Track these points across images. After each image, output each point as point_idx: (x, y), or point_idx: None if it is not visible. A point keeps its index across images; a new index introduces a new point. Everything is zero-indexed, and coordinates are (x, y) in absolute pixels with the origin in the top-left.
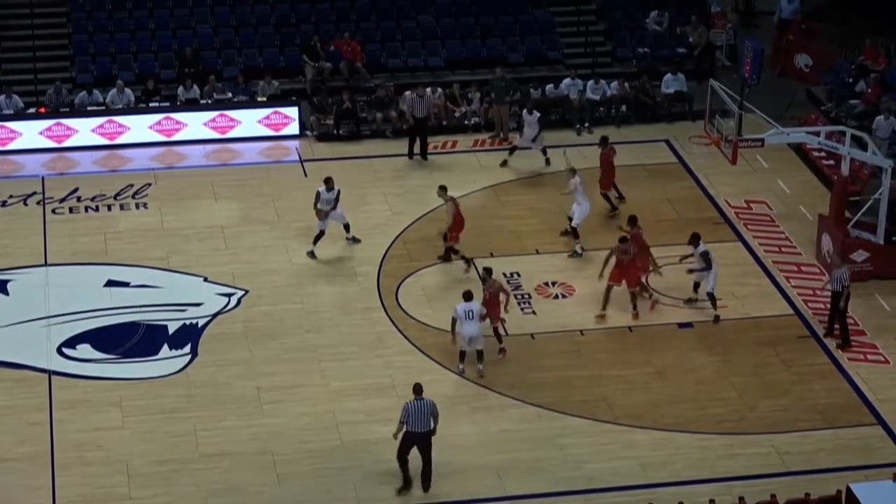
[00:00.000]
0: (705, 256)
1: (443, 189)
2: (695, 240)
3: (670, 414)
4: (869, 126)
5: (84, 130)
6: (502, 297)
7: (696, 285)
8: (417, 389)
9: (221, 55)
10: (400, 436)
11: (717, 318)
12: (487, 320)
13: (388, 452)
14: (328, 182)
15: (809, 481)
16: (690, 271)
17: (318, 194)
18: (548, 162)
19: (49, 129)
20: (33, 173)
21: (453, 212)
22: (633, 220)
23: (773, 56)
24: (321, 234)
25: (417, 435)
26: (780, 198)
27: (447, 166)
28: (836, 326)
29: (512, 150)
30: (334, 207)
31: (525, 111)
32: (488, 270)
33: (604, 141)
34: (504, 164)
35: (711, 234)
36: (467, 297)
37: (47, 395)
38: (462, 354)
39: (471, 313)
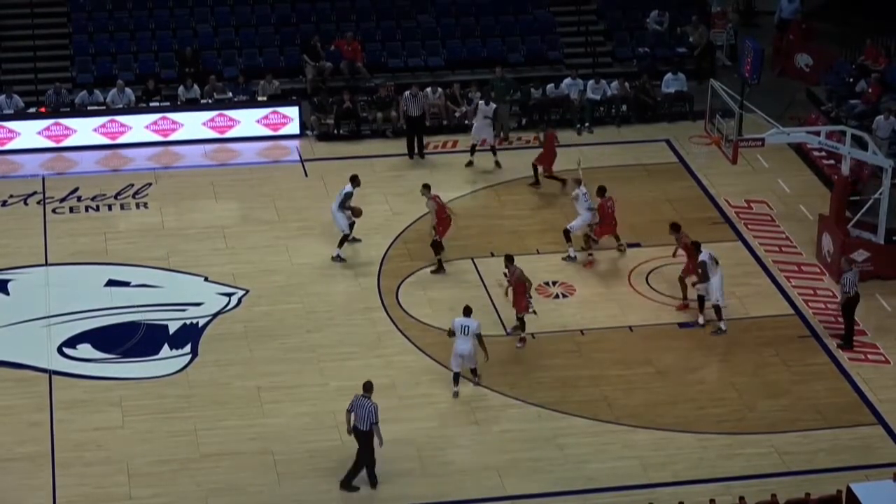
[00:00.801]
0: (702, 267)
1: (426, 188)
2: (696, 247)
3: (670, 414)
4: (869, 126)
5: (84, 130)
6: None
7: (701, 300)
8: (367, 387)
9: (222, 55)
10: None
11: (718, 331)
12: (477, 348)
13: (389, 452)
14: (355, 180)
15: (810, 481)
16: (694, 284)
17: (349, 194)
18: (498, 164)
19: (49, 128)
20: (33, 173)
21: (435, 208)
22: (601, 190)
23: (774, 56)
24: (346, 236)
25: (358, 431)
26: (781, 197)
27: (447, 166)
28: (839, 323)
29: (472, 149)
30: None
31: (482, 101)
32: (510, 258)
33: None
34: (469, 164)
35: (712, 233)
36: (466, 311)
37: (47, 394)
38: (456, 377)
39: (466, 329)
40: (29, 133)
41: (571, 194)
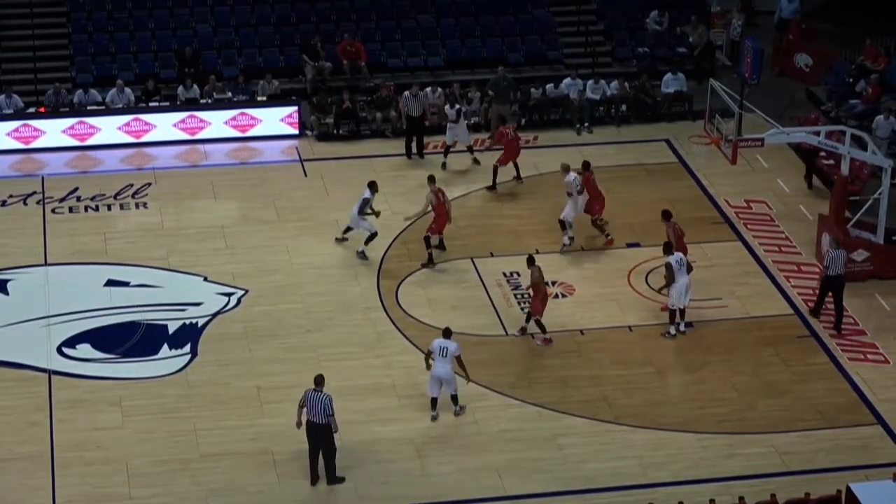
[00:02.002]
0: (668, 269)
1: (431, 179)
2: (667, 248)
3: (670, 414)
4: (869, 126)
5: (84, 130)
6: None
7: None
8: (318, 381)
9: (221, 55)
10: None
11: (666, 334)
12: (457, 366)
13: (389, 452)
14: (373, 186)
15: (809, 481)
16: (660, 290)
17: (367, 200)
18: (476, 161)
19: (49, 128)
20: (33, 173)
21: (434, 203)
22: (586, 165)
23: (773, 56)
24: (373, 235)
25: (315, 425)
26: (780, 197)
27: (447, 165)
28: (825, 307)
29: (447, 150)
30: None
31: (447, 105)
32: (531, 260)
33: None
34: (444, 166)
35: (711, 233)
36: (446, 333)
37: (47, 394)
38: (433, 401)
39: (445, 351)
40: (30, 132)
41: (564, 180)
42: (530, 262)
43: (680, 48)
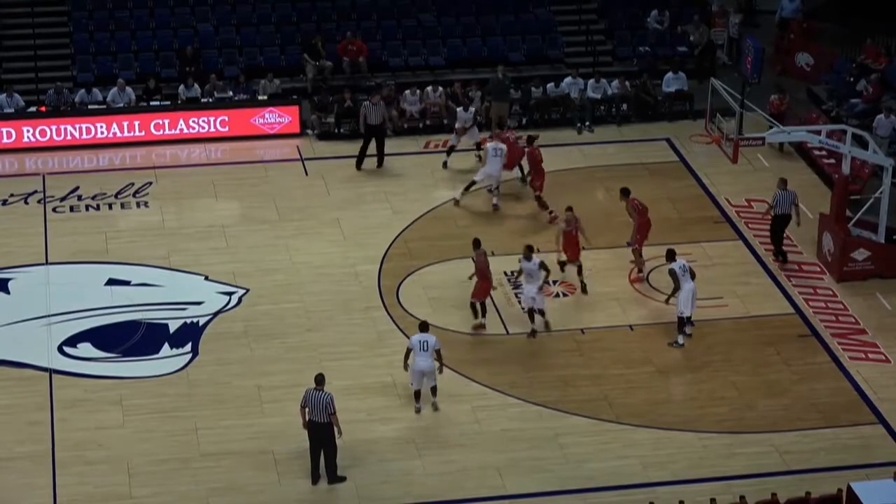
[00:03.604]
0: (672, 275)
1: (477, 244)
2: (669, 255)
3: (671, 413)
4: (870, 125)
5: (85, 129)
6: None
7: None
8: (319, 380)
9: (222, 54)
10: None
11: (675, 343)
12: (437, 362)
13: (389, 452)
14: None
15: (810, 480)
16: (667, 301)
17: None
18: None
19: (49, 128)
20: (34, 172)
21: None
22: (531, 139)
23: (774, 55)
24: (452, 147)
25: (317, 425)
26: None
27: (448, 164)
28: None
29: (450, 150)
30: (473, 125)
31: (461, 108)
32: (476, 243)
33: (530, 139)
34: (445, 165)
35: (712, 232)
36: (423, 327)
37: (48, 393)
38: (417, 394)
39: (425, 344)
40: (31, 132)
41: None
42: (476, 245)
43: (681, 47)
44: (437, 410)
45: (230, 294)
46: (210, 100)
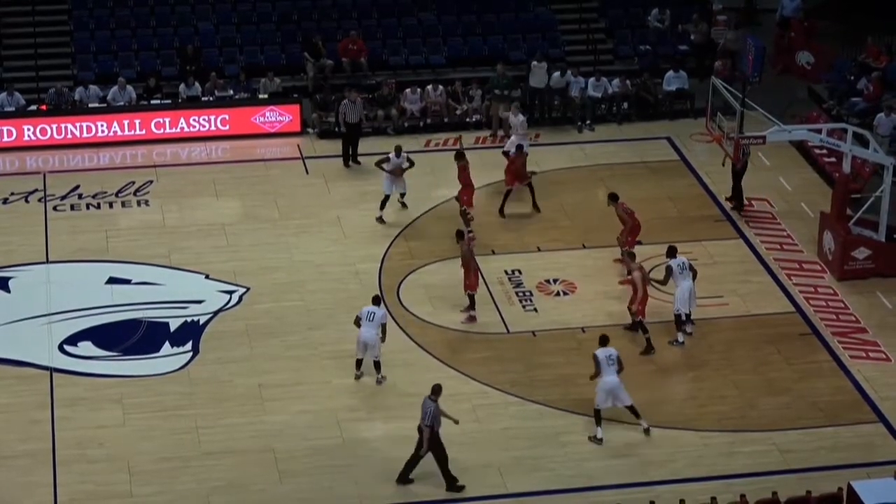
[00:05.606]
0: (667, 271)
1: (460, 235)
2: (670, 251)
3: (671, 412)
4: (870, 123)
5: (86, 128)
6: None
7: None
8: (435, 389)
9: (223, 52)
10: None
11: (674, 342)
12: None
13: (389, 450)
14: (398, 150)
15: (811, 479)
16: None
17: (388, 158)
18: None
19: (50, 126)
20: (35, 170)
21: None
22: (459, 154)
23: (775, 54)
24: (386, 198)
25: (420, 430)
26: (782, 195)
27: (449, 164)
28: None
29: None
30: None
31: (511, 113)
32: (460, 234)
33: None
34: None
35: (713, 231)
36: (375, 300)
37: (49, 392)
38: (358, 362)
39: (372, 315)
40: (31, 131)
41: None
42: (459, 236)
43: (681, 46)
44: (381, 384)
45: (231, 292)
46: (211, 98)
